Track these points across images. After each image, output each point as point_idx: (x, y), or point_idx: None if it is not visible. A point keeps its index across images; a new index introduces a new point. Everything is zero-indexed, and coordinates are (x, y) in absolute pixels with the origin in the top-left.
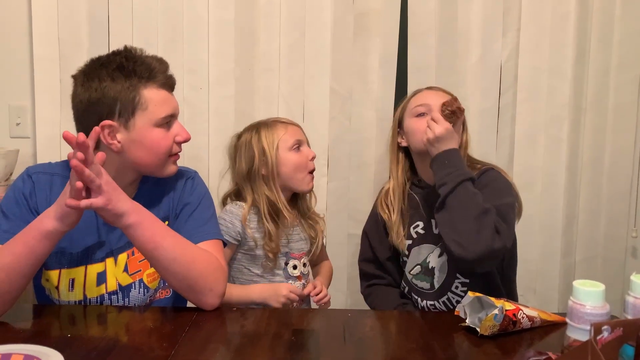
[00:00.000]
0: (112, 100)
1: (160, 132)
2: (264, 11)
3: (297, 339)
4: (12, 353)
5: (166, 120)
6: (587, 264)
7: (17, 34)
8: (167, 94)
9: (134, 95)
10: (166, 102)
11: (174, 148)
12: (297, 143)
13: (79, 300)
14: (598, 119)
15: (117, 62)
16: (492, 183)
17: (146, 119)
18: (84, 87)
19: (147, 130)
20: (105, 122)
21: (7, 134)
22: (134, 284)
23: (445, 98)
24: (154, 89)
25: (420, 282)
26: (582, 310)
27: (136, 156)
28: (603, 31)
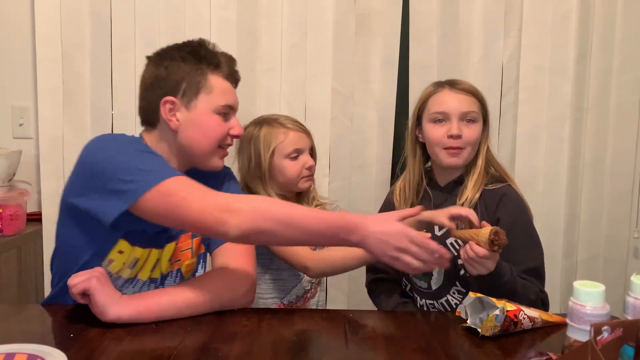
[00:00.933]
0: (179, 79)
1: (217, 119)
2: (265, 11)
3: (299, 339)
4: (16, 352)
5: (225, 109)
6: (588, 264)
7: (20, 35)
8: (231, 86)
9: (200, 79)
10: (229, 92)
11: (227, 139)
12: (296, 152)
13: (129, 279)
14: (600, 118)
15: (191, 47)
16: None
17: (207, 103)
18: (155, 64)
19: (206, 114)
20: (167, 97)
21: (10, 135)
22: (172, 272)
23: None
24: (220, 78)
25: (419, 282)
26: (582, 311)
27: (190, 137)
28: (605, 31)
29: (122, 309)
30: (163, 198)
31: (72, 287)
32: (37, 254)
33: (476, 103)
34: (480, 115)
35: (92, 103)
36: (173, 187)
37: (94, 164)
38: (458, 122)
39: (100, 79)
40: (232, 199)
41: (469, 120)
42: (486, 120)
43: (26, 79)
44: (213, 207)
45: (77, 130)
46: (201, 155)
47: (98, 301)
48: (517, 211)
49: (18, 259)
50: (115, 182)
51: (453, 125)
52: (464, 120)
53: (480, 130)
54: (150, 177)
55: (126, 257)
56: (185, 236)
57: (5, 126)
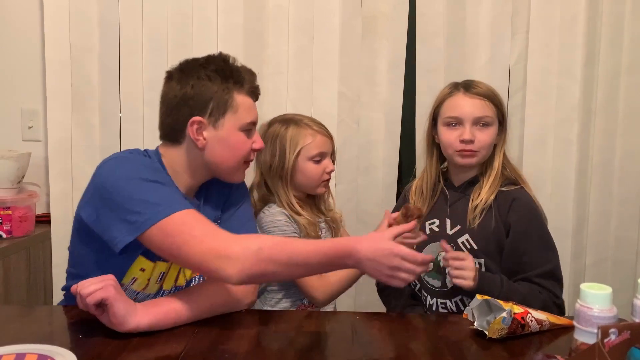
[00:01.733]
0: (207, 98)
1: (242, 136)
2: (272, 15)
3: (305, 340)
4: (27, 353)
5: (250, 126)
6: (597, 266)
7: (29, 39)
8: (253, 102)
9: (227, 98)
10: (252, 109)
11: (251, 155)
12: (320, 156)
13: (157, 292)
14: (608, 121)
15: (216, 65)
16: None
17: (234, 122)
18: (180, 83)
19: (233, 132)
20: (195, 117)
21: (19, 137)
22: (194, 278)
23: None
24: (245, 96)
25: (431, 280)
26: (589, 313)
27: (217, 155)
28: (613, 33)
29: (141, 318)
30: (166, 237)
31: (86, 296)
32: (46, 255)
33: (490, 107)
34: (495, 119)
35: (100, 106)
36: (176, 226)
37: (104, 189)
38: (471, 127)
39: (109, 82)
40: (229, 243)
41: (482, 124)
42: (502, 122)
43: (35, 82)
44: (211, 254)
45: (85, 133)
46: (227, 171)
47: (117, 311)
48: (529, 216)
49: (27, 261)
50: (123, 212)
51: (466, 130)
52: (477, 125)
53: (494, 134)
54: (156, 211)
55: (150, 274)
56: None
57: (14, 129)
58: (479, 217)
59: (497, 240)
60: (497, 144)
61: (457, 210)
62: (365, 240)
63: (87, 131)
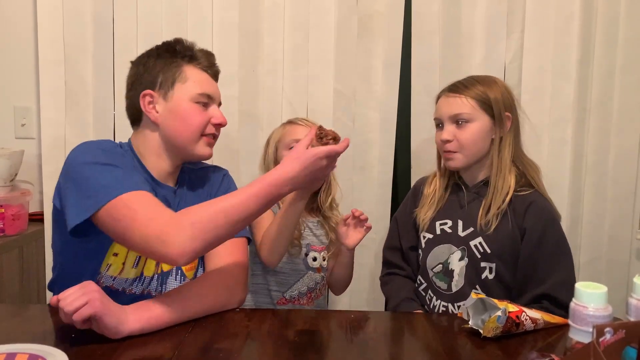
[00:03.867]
0: (156, 72)
1: (195, 107)
2: (268, 13)
3: (301, 339)
4: (17, 352)
5: (202, 98)
6: (591, 266)
7: (23, 37)
8: (208, 77)
9: (175, 70)
10: (205, 82)
11: (208, 127)
12: (295, 142)
13: (136, 277)
14: (603, 120)
15: (167, 45)
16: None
17: (183, 92)
18: (135, 65)
19: (184, 102)
20: (146, 91)
21: (12, 135)
22: (172, 270)
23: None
24: (196, 69)
25: (439, 282)
26: (584, 312)
27: (171, 127)
28: (608, 32)
29: (133, 325)
30: (112, 220)
31: (71, 313)
32: (39, 254)
33: (469, 102)
34: (477, 114)
35: (94, 104)
36: (121, 209)
37: (67, 174)
38: (449, 127)
39: (102, 81)
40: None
41: (461, 122)
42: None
43: (29, 79)
44: (153, 238)
45: (79, 131)
46: (185, 145)
47: (109, 324)
48: (545, 221)
49: (20, 259)
50: (78, 195)
51: (445, 130)
52: (456, 124)
53: (477, 130)
54: (105, 193)
55: (124, 257)
56: None
57: (7, 126)
58: (495, 221)
59: (511, 245)
60: (494, 138)
61: (470, 212)
62: (287, 162)
63: (80, 129)
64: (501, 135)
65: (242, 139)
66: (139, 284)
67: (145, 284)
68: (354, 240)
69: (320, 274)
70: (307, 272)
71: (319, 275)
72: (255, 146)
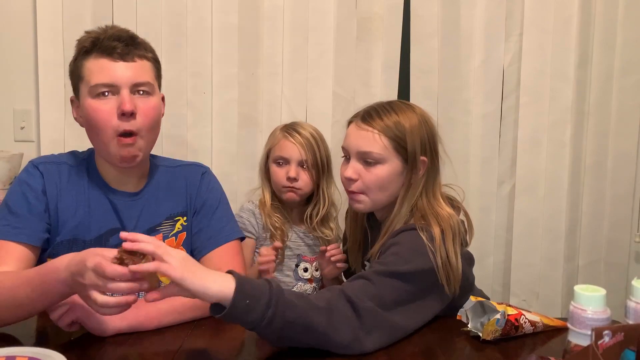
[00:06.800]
0: (70, 77)
1: (96, 103)
2: (267, 15)
3: None
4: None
5: (100, 89)
6: (590, 268)
7: (22, 38)
8: (108, 62)
9: (78, 69)
10: (102, 70)
11: (114, 122)
12: (281, 159)
13: None
14: (601, 122)
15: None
16: (391, 247)
17: (85, 91)
18: None
19: (86, 102)
20: (71, 96)
21: (11, 138)
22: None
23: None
24: (92, 59)
25: None
26: (583, 315)
27: (88, 132)
28: (606, 35)
29: (120, 322)
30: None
31: (57, 321)
32: None
33: (381, 141)
34: (389, 156)
35: None
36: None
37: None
38: (356, 164)
39: None
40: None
41: (368, 162)
42: (410, 159)
43: (28, 82)
44: None
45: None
46: (101, 148)
47: (92, 326)
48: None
49: None
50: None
51: (349, 166)
52: (362, 161)
53: (386, 174)
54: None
55: None
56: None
57: (6, 129)
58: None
59: None
60: (404, 183)
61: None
62: (72, 256)
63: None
64: (410, 183)
65: (241, 142)
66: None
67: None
68: (331, 274)
69: (312, 284)
70: (295, 284)
71: (310, 286)
72: (254, 149)
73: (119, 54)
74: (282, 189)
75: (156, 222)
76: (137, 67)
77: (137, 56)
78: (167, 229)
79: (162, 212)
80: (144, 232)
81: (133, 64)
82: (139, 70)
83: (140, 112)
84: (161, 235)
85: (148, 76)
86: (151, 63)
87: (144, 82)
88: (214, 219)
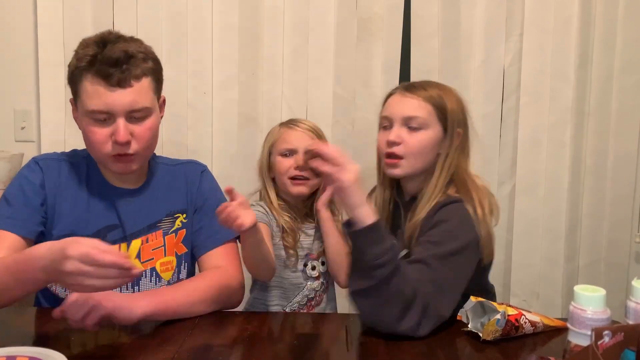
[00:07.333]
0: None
1: (93, 126)
2: (267, 16)
3: (299, 343)
4: (17, 355)
5: (97, 115)
6: (590, 268)
7: (23, 39)
8: (103, 88)
9: (77, 79)
10: (94, 97)
11: (108, 147)
12: (288, 151)
13: None
14: (601, 123)
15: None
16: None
17: (82, 109)
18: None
19: (83, 121)
20: (71, 98)
21: (12, 138)
22: (146, 272)
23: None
24: (89, 82)
25: None
26: (583, 315)
27: (85, 143)
28: (606, 35)
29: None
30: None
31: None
32: None
33: (425, 107)
34: (433, 121)
35: None
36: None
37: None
38: (399, 129)
39: None
40: None
41: (412, 127)
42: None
43: (28, 82)
44: None
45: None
46: (97, 159)
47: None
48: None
49: None
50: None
51: (393, 131)
52: (406, 127)
53: (431, 138)
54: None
55: None
56: (156, 234)
57: (7, 129)
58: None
59: None
60: (440, 153)
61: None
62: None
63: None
64: (448, 152)
65: (241, 142)
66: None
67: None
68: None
69: (320, 280)
70: (305, 284)
71: (318, 282)
72: (254, 149)
73: (115, 81)
74: (290, 181)
75: (156, 218)
76: (134, 92)
77: (134, 78)
78: (167, 225)
79: (162, 209)
80: (144, 228)
81: (130, 90)
82: (136, 96)
83: (136, 136)
84: (161, 232)
85: (145, 98)
86: (150, 77)
87: (141, 108)
88: (214, 218)
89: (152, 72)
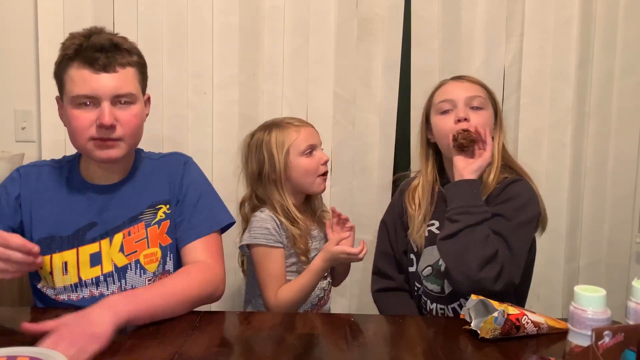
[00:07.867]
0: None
1: (77, 112)
2: (268, 16)
3: (300, 343)
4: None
5: (81, 100)
6: (590, 269)
7: (23, 39)
8: (89, 73)
9: (62, 73)
10: (80, 82)
11: (92, 131)
12: (310, 148)
13: (74, 283)
14: (602, 123)
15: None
16: (512, 200)
17: (66, 98)
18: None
19: (68, 108)
20: (57, 96)
21: (12, 138)
22: (130, 265)
23: (471, 89)
24: (74, 68)
25: (430, 284)
26: (583, 316)
27: (69, 136)
28: (606, 36)
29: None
30: None
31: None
32: None
33: (482, 90)
34: (488, 103)
35: None
36: None
37: None
38: (465, 107)
39: None
40: None
41: (475, 107)
42: (497, 112)
43: (29, 82)
44: None
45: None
46: (81, 150)
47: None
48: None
49: None
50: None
51: (460, 109)
52: (469, 107)
53: (489, 118)
54: None
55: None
56: (138, 226)
57: (7, 129)
58: None
59: None
60: (493, 136)
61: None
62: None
63: None
64: (499, 134)
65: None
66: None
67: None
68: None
69: (327, 279)
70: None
71: (326, 281)
72: None
73: (100, 65)
74: (320, 179)
75: (137, 210)
76: (119, 77)
77: (119, 65)
78: (149, 217)
79: (143, 201)
80: (125, 222)
81: (115, 75)
82: (121, 81)
83: (121, 122)
84: (143, 224)
85: (130, 85)
86: (135, 68)
87: (126, 94)
88: (196, 210)
89: (137, 65)
